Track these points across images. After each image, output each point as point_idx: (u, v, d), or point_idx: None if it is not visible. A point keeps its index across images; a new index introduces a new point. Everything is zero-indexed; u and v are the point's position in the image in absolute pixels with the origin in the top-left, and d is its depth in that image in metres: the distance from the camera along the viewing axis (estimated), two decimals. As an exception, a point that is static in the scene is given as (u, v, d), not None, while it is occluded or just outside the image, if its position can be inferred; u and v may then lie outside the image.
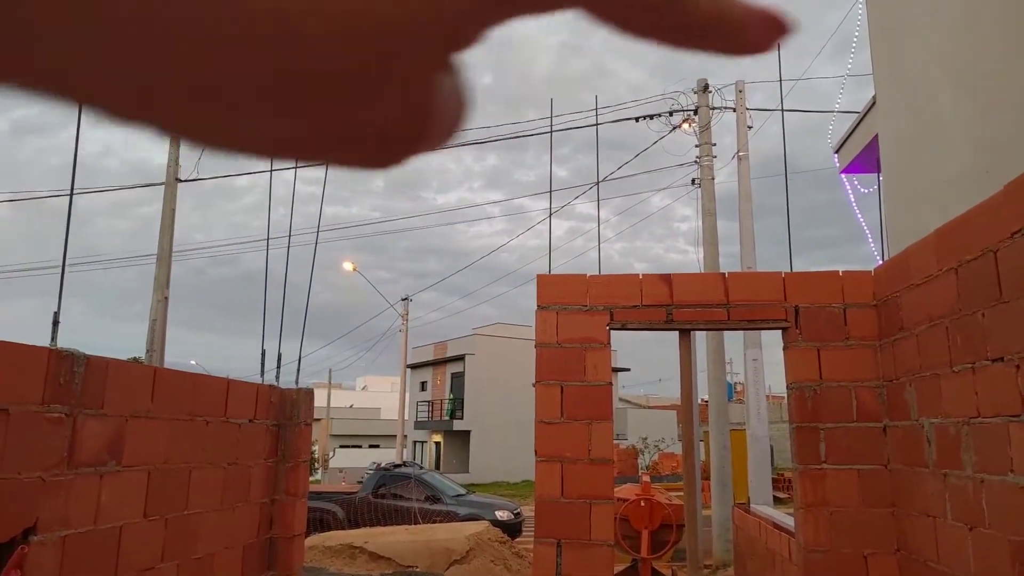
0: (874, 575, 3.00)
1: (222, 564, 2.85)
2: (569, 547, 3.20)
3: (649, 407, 38.09)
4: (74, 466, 2.04)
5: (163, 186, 15.64)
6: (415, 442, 39.92)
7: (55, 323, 5.52)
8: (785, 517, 6.20)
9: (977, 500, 2.34)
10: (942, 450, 2.60)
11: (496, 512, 12.43)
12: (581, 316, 3.47)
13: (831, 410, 3.19)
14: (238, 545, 3.00)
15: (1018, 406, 2.12)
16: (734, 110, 13.01)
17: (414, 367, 39.39)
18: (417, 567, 7.76)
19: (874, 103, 5.78)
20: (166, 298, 14.72)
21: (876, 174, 6.48)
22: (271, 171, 5.04)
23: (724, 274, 3.54)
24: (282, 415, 3.43)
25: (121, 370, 2.33)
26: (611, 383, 3.44)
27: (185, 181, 15.89)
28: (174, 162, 15.69)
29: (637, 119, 14.15)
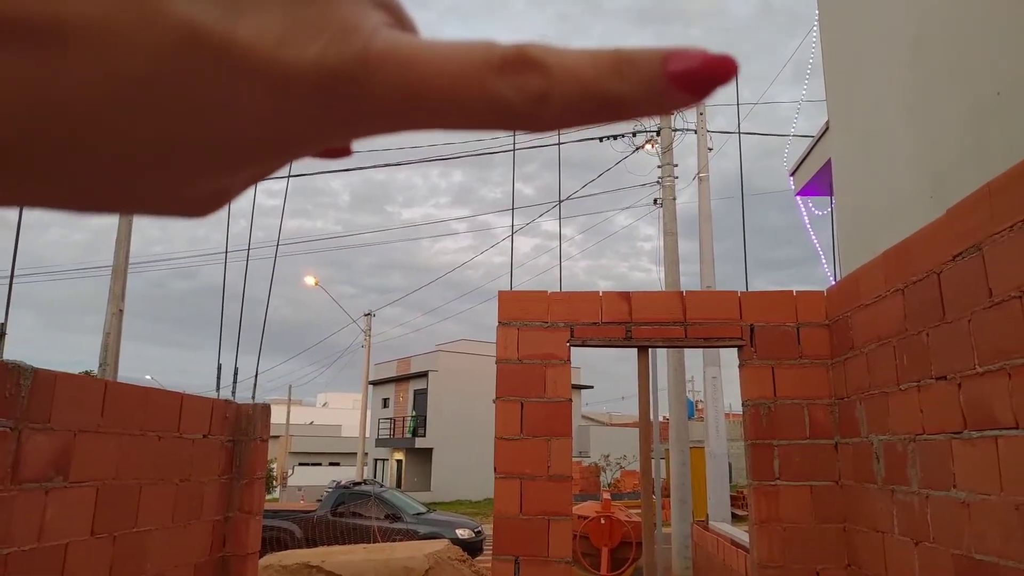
0: (825, 589, 3.06)
1: (172, 584, 2.78)
2: (527, 564, 3.20)
3: (612, 424, 38.25)
4: (18, 482, 1.97)
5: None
6: (376, 460, 39.37)
7: (1, 335, 5.35)
8: (742, 534, 6.28)
9: (922, 515, 2.41)
10: (890, 466, 2.67)
11: (456, 530, 12.32)
12: (542, 332, 3.50)
13: (785, 427, 3.26)
14: (190, 564, 2.92)
15: (960, 423, 2.20)
16: (695, 132, 13.30)
17: (376, 383, 38.94)
18: (375, 586, 7.62)
19: (827, 128, 5.98)
20: (121, 311, 14.32)
21: (829, 197, 6.69)
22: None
23: (682, 293, 3.61)
24: (237, 431, 3.37)
25: (70, 384, 2.27)
26: (571, 400, 3.47)
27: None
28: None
29: (601, 139, 14.36)
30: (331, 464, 42.00)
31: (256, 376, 3.78)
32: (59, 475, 2.15)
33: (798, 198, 7.57)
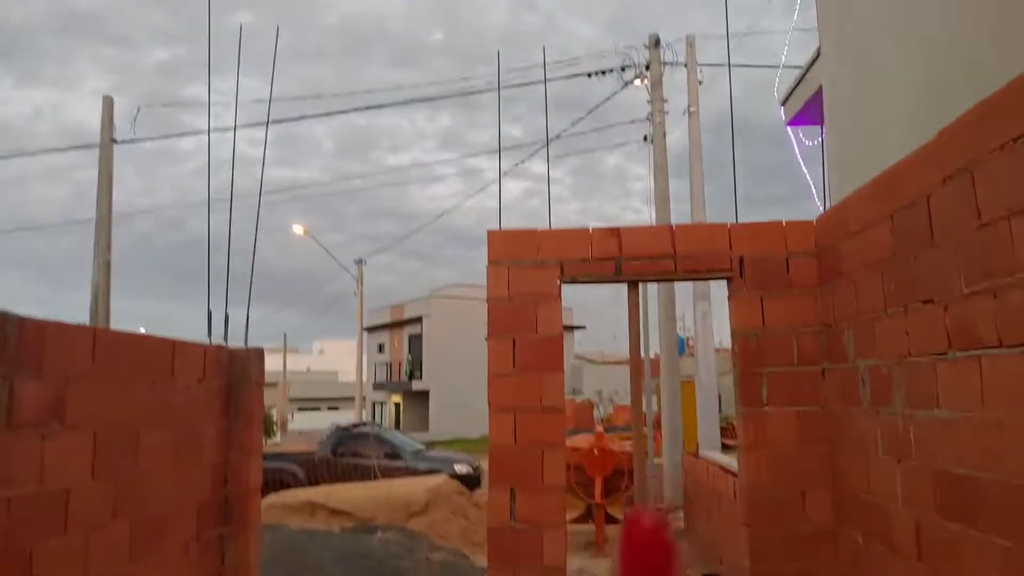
0: (810, 509, 3.17)
1: (176, 521, 2.84)
2: (523, 492, 3.29)
3: (604, 363, 38.81)
4: (13, 428, 1.99)
5: (98, 148, 14.96)
6: (374, 403, 39.98)
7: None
8: (731, 461, 6.45)
9: (905, 435, 2.47)
10: (875, 389, 2.73)
11: (455, 466, 12.64)
12: (532, 271, 3.50)
13: (773, 355, 3.31)
14: (192, 503, 2.99)
15: (945, 344, 2.23)
16: (685, 65, 13.02)
17: (371, 330, 39.19)
18: (377, 520, 7.87)
19: (818, 55, 5.87)
20: (108, 263, 14.23)
21: (820, 126, 6.61)
22: (209, 131, 4.87)
23: (672, 226, 3.60)
24: (232, 375, 3.39)
25: (59, 331, 2.26)
26: (562, 335, 3.50)
27: (121, 142, 15.23)
28: (108, 123, 14.98)
29: (589, 75, 14.06)
30: (330, 408, 42.65)
31: (247, 321, 3.79)
32: (55, 420, 2.17)
33: (788, 128, 7.49)
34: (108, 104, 15.14)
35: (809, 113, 6.65)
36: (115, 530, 2.46)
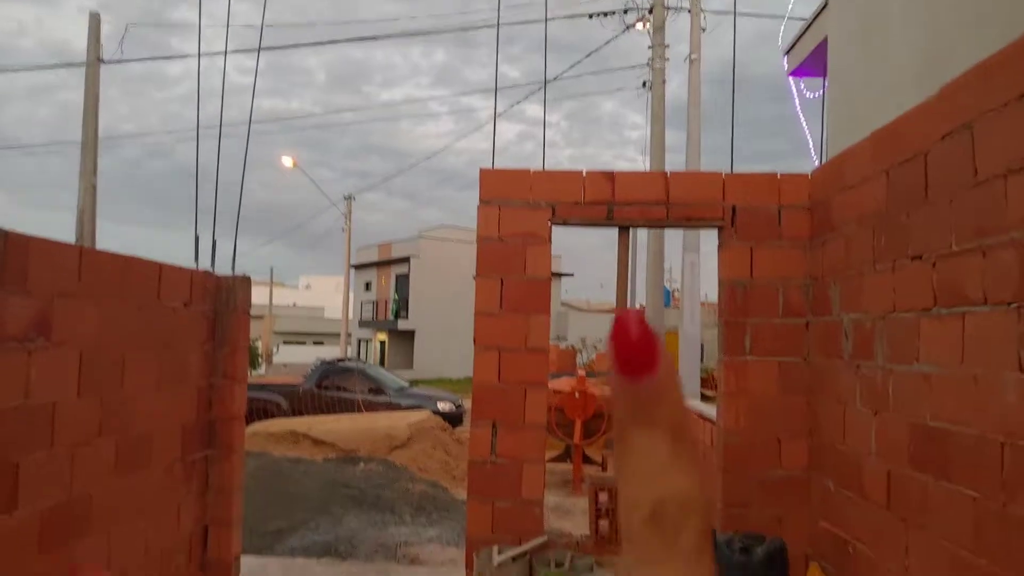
0: (786, 456, 3.26)
1: (160, 441, 2.87)
2: (504, 428, 3.35)
3: (590, 311, 39.08)
4: (-2, 341, 1.98)
5: (84, 67, 14.47)
6: (360, 340, 40.18)
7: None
8: (710, 409, 6.58)
9: (884, 387, 2.52)
10: (857, 343, 2.77)
11: (438, 403, 12.80)
12: (523, 211, 3.47)
13: (759, 306, 3.33)
14: (176, 424, 3.01)
15: (930, 300, 2.25)
16: (689, 11, 12.69)
17: (359, 267, 39.06)
18: (359, 451, 8.01)
19: (825, 5, 5.74)
20: (94, 186, 13.97)
21: (822, 78, 6.51)
22: (199, 55, 4.72)
23: (666, 173, 3.57)
24: (218, 301, 3.38)
25: (45, 248, 2.23)
26: (550, 278, 3.50)
27: (108, 62, 14.73)
28: (95, 41, 14.44)
29: (591, 15, 13.69)
30: (315, 343, 42.86)
31: (235, 249, 3.75)
32: (41, 336, 2.16)
33: (790, 79, 7.38)
34: (95, 21, 14.59)
35: (812, 64, 6.53)
36: (100, 446, 2.48)
